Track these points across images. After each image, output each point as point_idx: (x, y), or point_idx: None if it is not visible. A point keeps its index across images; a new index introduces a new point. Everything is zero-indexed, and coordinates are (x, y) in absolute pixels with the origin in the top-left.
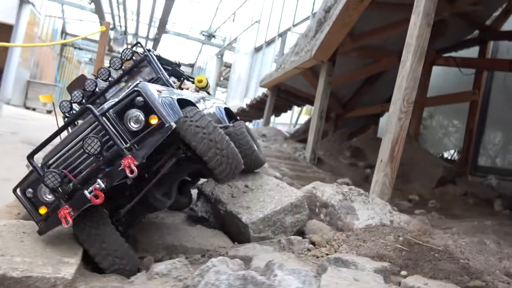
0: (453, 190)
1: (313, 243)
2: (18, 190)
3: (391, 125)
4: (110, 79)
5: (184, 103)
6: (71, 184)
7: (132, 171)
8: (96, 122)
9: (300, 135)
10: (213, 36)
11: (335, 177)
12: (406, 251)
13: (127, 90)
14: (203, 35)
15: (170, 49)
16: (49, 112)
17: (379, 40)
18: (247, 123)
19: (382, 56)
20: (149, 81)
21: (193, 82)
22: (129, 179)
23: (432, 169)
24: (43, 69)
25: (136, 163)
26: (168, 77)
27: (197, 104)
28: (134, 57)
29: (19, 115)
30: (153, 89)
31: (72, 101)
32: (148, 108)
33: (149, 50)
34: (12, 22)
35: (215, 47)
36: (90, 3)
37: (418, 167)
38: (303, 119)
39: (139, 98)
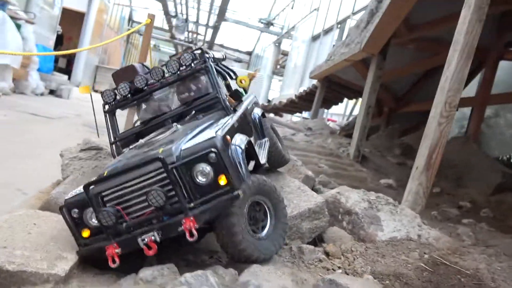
0: (511, 199)
1: (327, 253)
2: (64, 209)
3: (430, 129)
4: (162, 80)
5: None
6: (124, 225)
7: (192, 235)
8: (163, 173)
9: (350, 129)
10: (272, 24)
11: (379, 176)
12: (429, 271)
13: (202, 140)
14: (262, 22)
15: (229, 36)
16: None
17: (439, 31)
18: (297, 114)
19: (441, 49)
20: (205, 95)
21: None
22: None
23: (489, 174)
24: (110, 55)
25: (196, 226)
26: (225, 93)
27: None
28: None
29: (86, 98)
30: (225, 144)
31: (117, 92)
32: (219, 166)
33: (209, 58)
34: (84, 10)
35: (273, 35)
36: None
37: (475, 171)
38: (357, 111)
39: (213, 155)
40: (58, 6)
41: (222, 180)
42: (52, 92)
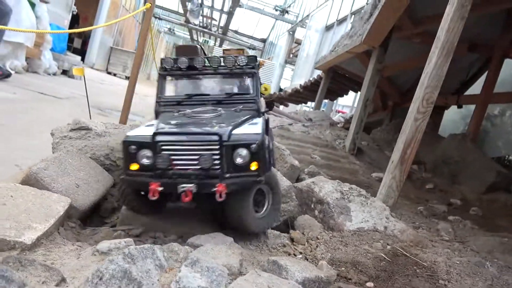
0: (504, 198)
1: (292, 239)
2: (125, 143)
3: (406, 125)
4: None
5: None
6: (170, 172)
7: (221, 196)
8: (217, 145)
9: None
10: (287, 12)
11: (372, 170)
12: (387, 261)
13: (252, 131)
14: (277, 10)
15: (244, 23)
16: (127, 78)
17: None
18: (301, 105)
19: None
20: (243, 94)
21: None
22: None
23: (484, 173)
24: (125, 37)
25: (225, 192)
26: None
27: None
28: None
29: (99, 79)
30: (263, 141)
31: (176, 62)
32: (255, 155)
33: (258, 65)
34: None
35: (288, 23)
36: None
37: (470, 169)
38: None
39: (254, 146)
40: None
41: (254, 166)
42: (64, 72)
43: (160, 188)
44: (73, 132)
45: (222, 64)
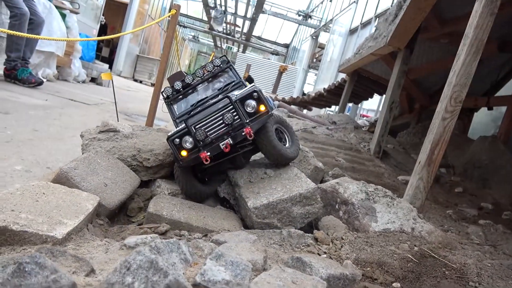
0: None
1: (316, 239)
2: (169, 139)
3: (434, 125)
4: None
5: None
6: (209, 140)
7: (251, 135)
8: (231, 105)
9: None
10: (310, 17)
11: (398, 173)
12: (414, 262)
13: (248, 88)
14: (300, 14)
15: (267, 28)
16: (152, 84)
17: None
18: (326, 108)
19: None
20: (230, 83)
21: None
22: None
23: None
24: (151, 45)
25: (252, 132)
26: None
27: None
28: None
29: (126, 86)
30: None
31: (174, 88)
32: (260, 100)
33: (228, 62)
34: (127, 1)
35: (311, 28)
36: None
37: (501, 172)
38: None
39: (255, 94)
40: None
41: (262, 107)
42: (93, 80)
43: (208, 153)
44: (102, 134)
45: (207, 71)
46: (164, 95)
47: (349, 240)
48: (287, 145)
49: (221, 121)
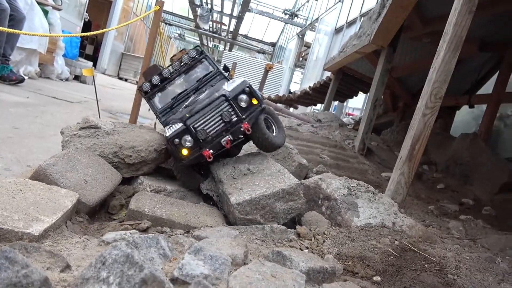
0: None
1: (298, 234)
2: (169, 141)
3: (415, 120)
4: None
5: None
6: (210, 138)
7: (249, 130)
8: (226, 102)
9: None
10: (296, 16)
11: (381, 170)
12: (395, 256)
13: (238, 83)
14: (286, 13)
15: (253, 27)
16: (137, 83)
17: None
18: (312, 107)
19: None
20: (208, 73)
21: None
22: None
23: (496, 173)
24: (136, 43)
25: (249, 126)
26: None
27: None
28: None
29: (110, 84)
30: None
31: (151, 83)
32: (251, 94)
33: (203, 52)
34: None
35: (297, 27)
36: None
37: (481, 169)
38: None
39: (247, 89)
40: None
41: (254, 101)
42: (76, 77)
43: (211, 151)
44: (83, 131)
45: (183, 64)
46: (143, 90)
47: (331, 235)
48: (274, 133)
49: (219, 119)
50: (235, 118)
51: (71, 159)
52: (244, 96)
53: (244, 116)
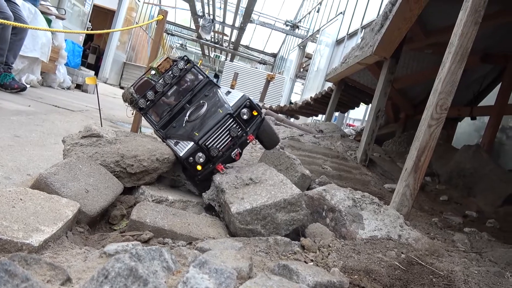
0: None
1: (303, 246)
2: (184, 160)
3: (420, 132)
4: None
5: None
6: (221, 153)
7: (254, 141)
8: (231, 119)
9: None
10: (297, 27)
11: (385, 181)
12: (402, 270)
13: (238, 98)
14: (287, 25)
15: (255, 38)
16: None
17: None
18: (312, 117)
19: None
20: (199, 82)
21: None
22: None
23: (500, 185)
24: (138, 53)
25: (253, 137)
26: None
27: None
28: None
29: (112, 93)
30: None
31: (146, 98)
32: (252, 107)
33: (190, 61)
34: (114, 8)
35: (298, 38)
36: None
37: (485, 181)
38: None
39: (248, 103)
40: (89, 3)
41: (255, 113)
42: (78, 86)
43: (223, 164)
44: (84, 139)
45: (174, 75)
46: (139, 107)
47: (336, 248)
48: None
49: (227, 134)
50: (241, 132)
51: (72, 168)
52: (245, 110)
53: (248, 129)
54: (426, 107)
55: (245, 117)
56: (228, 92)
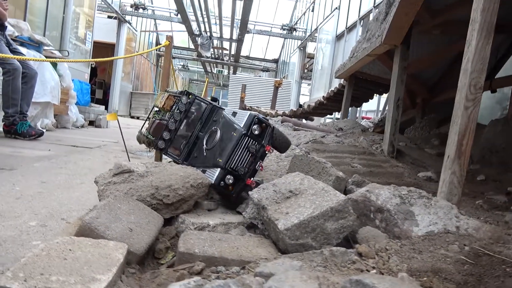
0: None
1: (360, 254)
2: (215, 185)
3: (457, 115)
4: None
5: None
6: (246, 169)
7: (270, 151)
8: (247, 137)
9: (384, 124)
10: (294, 29)
11: (417, 170)
12: (471, 264)
13: (247, 117)
14: (284, 28)
15: (254, 47)
16: None
17: (464, 12)
18: (327, 116)
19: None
20: (204, 110)
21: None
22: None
23: None
24: (142, 80)
25: (271, 148)
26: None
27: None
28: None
29: (125, 124)
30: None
31: (164, 139)
32: (261, 122)
33: (191, 94)
34: (113, 41)
35: (297, 40)
36: (176, 14)
37: None
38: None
39: (256, 119)
40: (90, 40)
41: (265, 126)
42: (91, 123)
43: (252, 179)
44: (116, 177)
45: (181, 111)
46: (159, 148)
47: (395, 250)
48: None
49: (247, 152)
50: (258, 146)
51: (112, 209)
52: (255, 126)
53: (263, 142)
54: (458, 88)
55: (256, 132)
56: (235, 113)
